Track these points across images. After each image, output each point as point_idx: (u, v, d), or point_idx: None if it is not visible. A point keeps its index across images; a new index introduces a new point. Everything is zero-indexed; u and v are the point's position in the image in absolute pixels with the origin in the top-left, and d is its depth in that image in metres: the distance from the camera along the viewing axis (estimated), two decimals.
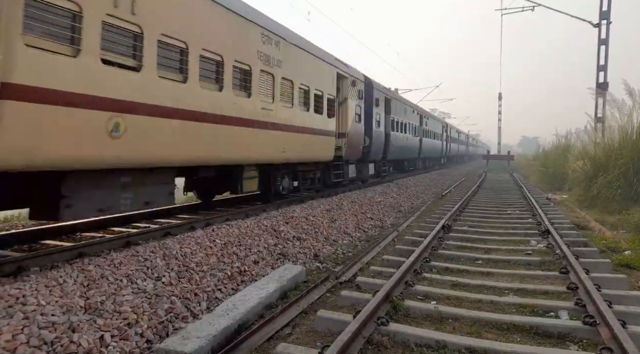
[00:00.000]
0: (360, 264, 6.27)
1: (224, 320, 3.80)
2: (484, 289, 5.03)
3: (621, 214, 10.25)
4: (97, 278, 4.19)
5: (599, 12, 17.07)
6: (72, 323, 3.38)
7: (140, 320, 3.73)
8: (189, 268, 4.96)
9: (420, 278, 5.38)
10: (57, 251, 4.95)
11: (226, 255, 5.66)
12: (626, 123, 13.06)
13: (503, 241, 7.73)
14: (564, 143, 22.68)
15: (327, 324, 3.92)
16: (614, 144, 13.18)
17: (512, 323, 3.96)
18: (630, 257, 6.49)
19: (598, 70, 17.08)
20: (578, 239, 7.43)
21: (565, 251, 6.12)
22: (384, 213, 11.31)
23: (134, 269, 4.56)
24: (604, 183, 12.09)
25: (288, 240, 7.05)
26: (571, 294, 4.72)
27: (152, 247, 5.27)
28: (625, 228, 9.11)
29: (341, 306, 4.50)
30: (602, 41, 17.09)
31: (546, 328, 3.85)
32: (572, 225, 8.90)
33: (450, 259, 6.46)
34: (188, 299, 4.37)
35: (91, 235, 6.38)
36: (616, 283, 5.08)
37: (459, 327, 3.96)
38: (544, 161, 24.78)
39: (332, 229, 8.42)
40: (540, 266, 6.06)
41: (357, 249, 7.62)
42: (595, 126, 16.78)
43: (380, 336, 3.65)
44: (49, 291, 3.74)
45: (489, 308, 4.43)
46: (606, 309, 3.85)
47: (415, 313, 4.24)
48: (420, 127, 25.02)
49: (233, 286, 5.03)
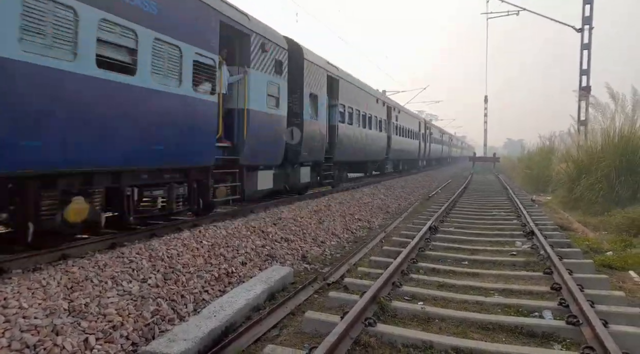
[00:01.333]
0: (348, 265, 6.28)
1: (211, 322, 3.77)
2: (470, 289, 5.08)
3: (603, 215, 10.45)
4: (81, 280, 4.12)
5: (582, 18, 17.40)
6: (55, 325, 3.32)
7: (126, 322, 3.68)
8: (176, 270, 4.91)
9: (407, 279, 5.42)
10: (40, 253, 4.85)
11: (213, 256, 5.62)
12: (609, 126, 13.32)
13: (489, 242, 7.83)
14: (548, 145, 23.07)
15: (314, 325, 3.91)
16: (596, 147, 13.44)
17: (498, 323, 4.01)
18: (611, 258, 6.63)
19: (581, 75, 17.40)
20: (562, 240, 7.56)
21: (549, 251, 6.22)
22: (372, 214, 11.35)
23: (119, 270, 4.50)
24: (587, 185, 12.32)
25: (276, 241, 7.03)
26: (555, 294, 4.80)
27: (138, 249, 5.20)
28: (607, 229, 9.29)
29: (329, 307, 4.50)
30: (585, 46, 17.41)
31: (531, 328, 3.90)
32: (555, 226, 9.04)
33: (437, 260, 6.52)
34: (174, 301, 4.33)
35: (75, 236, 6.27)
36: (598, 283, 5.17)
37: (445, 327, 4.00)
38: (529, 163, 25.15)
39: (320, 231, 8.42)
40: (525, 267, 6.15)
41: (345, 250, 7.64)
42: (578, 128, 17.09)
43: (368, 337, 3.66)
44: (32, 293, 3.67)
45: (474, 308, 4.47)
46: (588, 309, 3.92)
47: (402, 314, 4.27)
48: (390, 122, 21.43)
49: (220, 287, 5.00)
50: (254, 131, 8.63)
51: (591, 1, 17.04)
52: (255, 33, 8.68)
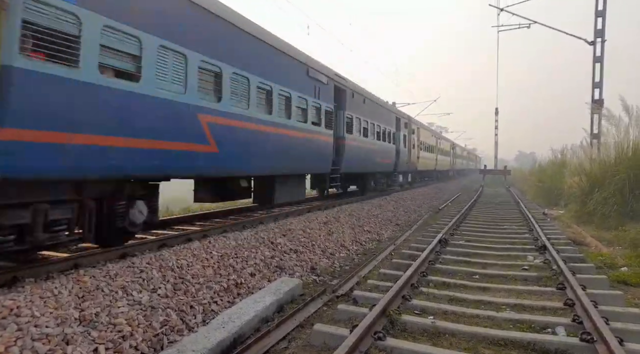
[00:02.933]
0: (357, 277, 6.24)
1: (220, 333, 3.77)
2: (481, 304, 5.01)
3: (617, 230, 10.28)
4: (92, 289, 4.16)
5: (594, 31, 17.35)
6: (66, 334, 3.35)
7: (135, 332, 3.70)
8: (185, 280, 4.93)
9: (417, 292, 5.37)
10: (52, 262, 4.91)
11: (222, 267, 5.63)
12: (622, 139, 13.17)
13: (500, 256, 7.72)
14: (560, 159, 22.81)
15: (323, 338, 3.89)
16: (609, 160, 13.28)
17: (509, 338, 3.94)
18: (626, 274, 6.49)
19: (593, 88, 17.27)
20: (575, 255, 7.43)
21: (562, 266, 6.12)
22: (381, 226, 11.30)
23: (129, 280, 4.53)
24: (600, 199, 12.15)
25: (285, 253, 7.02)
26: (568, 310, 4.71)
27: (148, 259, 5.24)
28: (621, 244, 9.12)
29: (338, 320, 4.47)
30: (597, 59, 17.32)
31: (543, 345, 3.83)
32: (568, 241, 8.91)
33: (448, 273, 6.45)
34: (184, 311, 4.34)
35: (87, 246, 6.33)
36: (613, 299, 5.07)
37: (456, 342, 3.94)
38: (540, 176, 24.86)
39: (329, 242, 8.40)
40: (537, 282, 6.05)
41: (354, 262, 7.60)
42: (591, 142, 16.91)
43: (377, 351, 3.62)
44: (44, 302, 3.70)
45: (486, 323, 4.41)
46: (603, 326, 3.84)
47: (412, 328, 4.22)
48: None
49: (229, 298, 5.00)
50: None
51: (603, 14, 16.98)
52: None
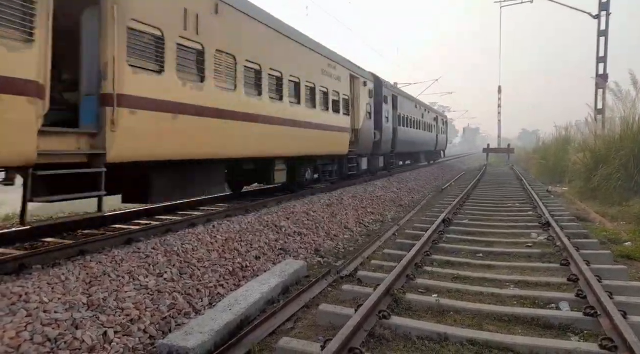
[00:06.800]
0: (361, 258, 6.28)
1: (226, 315, 3.81)
2: (484, 281, 5.04)
3: (621, 205, 10.26)
4: (98, 274, 4.20)
5: (598, 4, 17.00)
6: (74, 319, 3.40)
7: (143, 316, 3.75)
8: (191, 264, 4.97)
9: (421, 272, 5.40)
10: (58, 249, 4.96)
11: (227, 251, 5.67)
12: (629, 114, 13.00)
13: (503, 233, 7.74)
14: (564, 135, 22.64)
15: (328, 318, 3.93)
16: (614, 136, 13.15)
17: (513, 314, 3.97)
18: (630, 249, 6.50)
19: (597, 62, 17.03)
20: (578, 231, 7.44)
21: (565, 242, 6.13)
22: (385, 207, 11.32)
23: (135, 265, 4.57)
24: (604, 175, 12.09)
25: (289, 235, 7.06)
26: (572, 285, 4.73)
27: (154, 244, 5.28)
28: (625, 219, 9.12)
29: (343, 300, 4.51)
30: (602, 32, 17.03)
31: (547, 320, 3.86)
32: (572, 217, 8.90)
33: (451, 252, 6.47)
34: (190, 295, 4.39)
35: (92, 232, 6.39)
36: (616, 273, 5.09)
37: (460, 319, 3.97)
38: (544, 153, 24.74)
39: (333, 224, 8.43)
40: (540, 258, 6.07)
41: (357, 243, 7.64)
42: (595, 117, 16.75)
43: (382, 329, 3.66)
44: (51, 288, 3.75)
45: (490, 300, 4.44)
46: (607, 300, 3.85)
47: (416, 306, 4.25)
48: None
49: (235, 281, 5.05)
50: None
51: None
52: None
